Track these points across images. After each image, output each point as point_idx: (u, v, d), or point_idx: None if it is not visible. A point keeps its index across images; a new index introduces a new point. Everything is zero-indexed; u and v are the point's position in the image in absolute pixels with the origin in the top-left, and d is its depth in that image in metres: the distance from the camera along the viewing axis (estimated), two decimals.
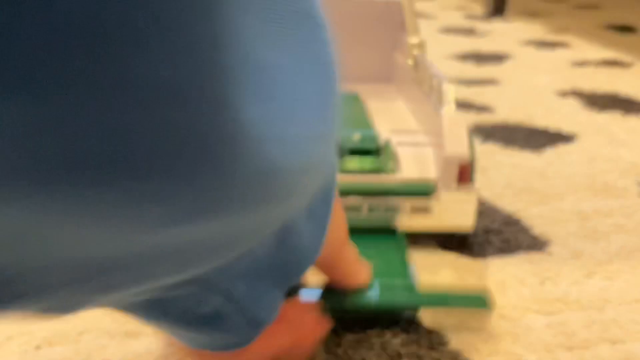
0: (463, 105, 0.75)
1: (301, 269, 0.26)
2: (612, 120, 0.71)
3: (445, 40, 1.16)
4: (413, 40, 0.54)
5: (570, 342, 0.34)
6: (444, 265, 0.41)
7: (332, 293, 0.32)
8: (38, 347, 0.33)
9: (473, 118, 0.70)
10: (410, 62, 0.54)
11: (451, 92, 0.42)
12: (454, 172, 0.40)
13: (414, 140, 0.45)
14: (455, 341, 0.34)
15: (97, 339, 0.34)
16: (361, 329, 0.34)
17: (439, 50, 1.07)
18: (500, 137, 0.64)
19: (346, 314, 0.34)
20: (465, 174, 0.40)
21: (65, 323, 0.35)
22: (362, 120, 0.49)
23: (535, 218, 0.47)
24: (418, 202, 0.41)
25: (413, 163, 0.43)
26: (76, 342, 0.33)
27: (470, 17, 1.44)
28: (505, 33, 1.24)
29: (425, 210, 0.41)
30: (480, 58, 1.01)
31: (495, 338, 0.32)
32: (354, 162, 0.42)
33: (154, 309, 0.23)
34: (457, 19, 1.40)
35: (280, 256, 0.24)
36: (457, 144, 0.40)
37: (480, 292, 0.34)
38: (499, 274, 0.40)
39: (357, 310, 0.33)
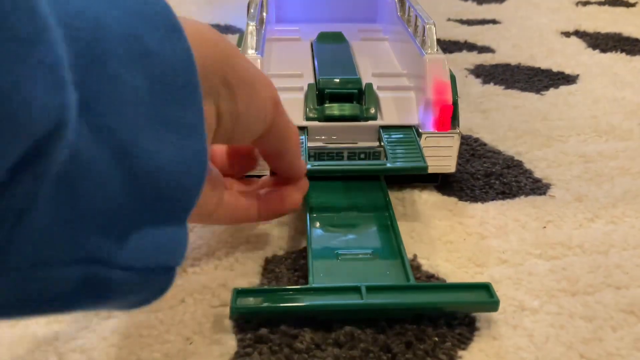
0: (464, 45, 0.73)
1: (184, 192, 0.20)
2: (616, 60, 0.69)
3: None
4: None
5: (573, 287, 0.33)
6: (439, 208, 0.40)
7: None
8: None
9: (474, 58, 0.68)
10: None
11: (435, 35, 0.41)
12: (436, 117, 0.39)
13: (396, 84, 0.44)
14: None
15: None
16: None
17: None
18: (502, 78, 0.62)
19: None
20: (447, 118, 0.39)
21: None
22: (346, 61, 0.48)
23: (537, 161, 0.46)
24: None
25: (395, 108, 0.42)
26: None
27: None
28: None
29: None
30: None
31: (497, 284, 0.31)
32: (334, 108, 0.40)
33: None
34: None
35: (127, 190, 0.18)
36: (440, 89, 0.39)
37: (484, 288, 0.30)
38: (500, 218, 0.39)
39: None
